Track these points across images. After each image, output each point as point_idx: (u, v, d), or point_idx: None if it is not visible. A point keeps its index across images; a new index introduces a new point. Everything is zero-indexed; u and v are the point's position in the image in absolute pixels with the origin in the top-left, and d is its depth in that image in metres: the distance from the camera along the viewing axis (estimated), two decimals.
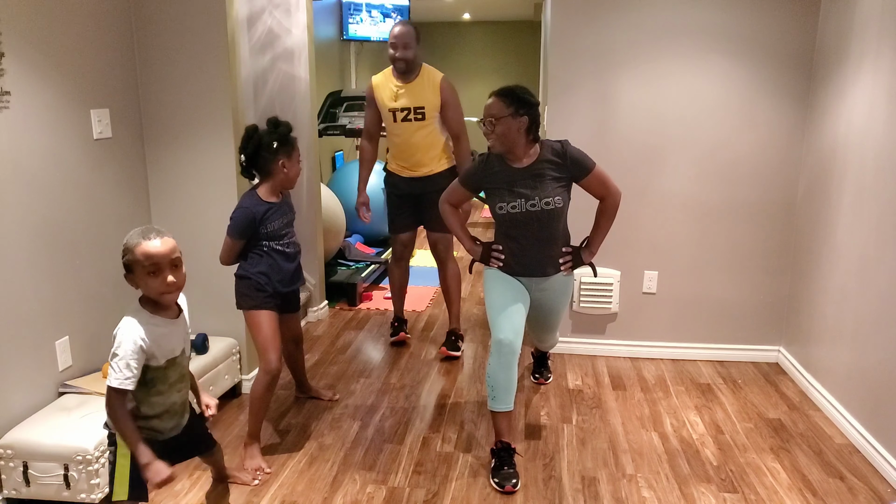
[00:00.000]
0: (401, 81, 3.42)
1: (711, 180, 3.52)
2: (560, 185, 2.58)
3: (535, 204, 2.56)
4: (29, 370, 2.48)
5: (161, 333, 1.91)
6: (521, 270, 2.68)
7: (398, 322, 3.95)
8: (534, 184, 2.57)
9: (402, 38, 3.33)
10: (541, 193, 2.56)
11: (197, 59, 2.99)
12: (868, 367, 2.78)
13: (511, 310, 2.58)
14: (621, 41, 3.42)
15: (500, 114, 2.51)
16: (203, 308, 3.19)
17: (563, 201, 2.59)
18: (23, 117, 2.40)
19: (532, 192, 2.57)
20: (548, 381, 3.43)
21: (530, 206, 2.57)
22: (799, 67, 3.37)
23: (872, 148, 2.79)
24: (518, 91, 2.55)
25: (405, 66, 3.37)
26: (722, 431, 2.95)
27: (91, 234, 2.77)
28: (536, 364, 3.49)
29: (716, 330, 3.68)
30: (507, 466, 2.55)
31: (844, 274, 2.99)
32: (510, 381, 2.54)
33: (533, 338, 3.16)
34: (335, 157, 6.51)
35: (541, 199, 2.56)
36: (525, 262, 2.66)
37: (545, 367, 3.48)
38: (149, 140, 3.10)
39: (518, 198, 2.58)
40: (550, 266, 2.68)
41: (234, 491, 2.51)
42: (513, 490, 2.49)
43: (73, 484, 2.29)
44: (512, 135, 2.52)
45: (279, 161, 2.58)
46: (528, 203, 2.57)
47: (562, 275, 2.72)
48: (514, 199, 2.58)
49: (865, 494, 2.50)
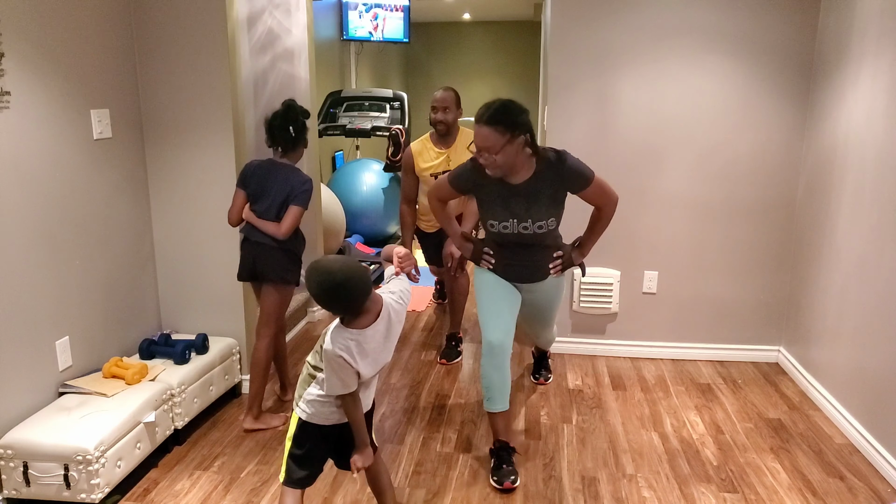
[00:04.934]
0: (440, 147, 3.51)
1: (711, 180, 3.52)
2: (555, 204, 2.51)
3: (528, 227, 2.50)
4: (29, 370, 2.48)
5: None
6: (511, 277, 2.67)
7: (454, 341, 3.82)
8: (528, 204, 2.47)
9: (444, 101, 3.44)
10: (534, 216, 2.48)
11: (197, 59, 2.99)
12: (868, 367, 2.78)
13: (501, 310, 2.58)
14: (621, 41, 3.42)
15: (497, 145, 2.31)
16: (203, 308, 3.19)
17: (556, 221, 2.54)
18: (23, 117, 2.40)
19: (525, 213, 2.48)
20: (548, 382, 3.42)
21: (522, 228, 2.51)
22: (799, 67, 3.37)
23: (872, 148, 2.79)
24: (508, 111, 2.33)
25: (445, 129, 3.46)
26: (722, 431, 2.95)
27: (91, 234, 2.77)
28: (536, 364, 3.49)
29: (716, 330, 3.68)
30: (505, 465, 2.55)
31: (844, 274, 3.00)
32: (504, 382, 2.54)
33: (529, 334, 3.15)
34: (335, 157, 6.51)
35: (533, 223, 2.49)
36: (514, 270, 2.65)
37: (545, 367, 3.48)
38: (149, 140, 3.10)
39: (511, 217, 2.50)
40: (539, 272, 2.67)
41: (235, 491, 2.51)
42: (511, 487, 2.49)
43: (74, 484, 2.29)
44: (512, 158, 2.38)
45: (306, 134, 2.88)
46: (520, 225, 2.50)
47: (552, 276, 2.71)
48: (506, 219, 2.51)
49: (865, 494, 2.50)
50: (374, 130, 5.75)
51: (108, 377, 2.69)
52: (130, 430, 2.46)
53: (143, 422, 2.53)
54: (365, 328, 1.86)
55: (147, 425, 2.55)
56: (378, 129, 5.75)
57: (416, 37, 8.93)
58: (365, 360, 1.87)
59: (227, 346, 3.13)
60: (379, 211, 5.70)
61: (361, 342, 1.85)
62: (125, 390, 2.61)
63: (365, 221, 5.70)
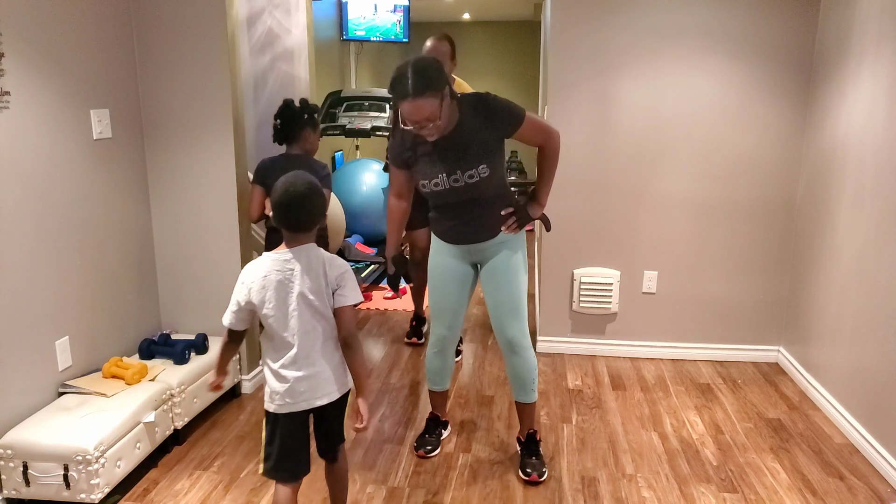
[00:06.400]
0: None
1: (711, 180, 3.52)
2: (486, 151, 2.30)
3: (458, 179, 2.31)
4: (29, 370, 2.48)
5: None
6: (456, 239, 2.49)
7: (417, 322, 3.98)
8: (456, 155, 2.29)
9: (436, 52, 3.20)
10: (463, 166, 2.29)
11: (197, 59, 2.99)
12: (868, 366, 2.78)
13: (446, 307, 2.60)
14: (621, 41, 3.42)
15: (436, 110, 2.15)
16: (203, 308, 3.19)
17: (489, 168, 2.31)
18: (23, 117, 2.40)
19: (454, 165, 2.29)
20: (542, 479, 2.56)
21: (453, 181, 2.32)
22: (799, 67, 3.37)
23: (872, 148, 2.79)
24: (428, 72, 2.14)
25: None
26: (722, 431, 2.95)
27: (91, 234, 2.77)
28: (524, 451, 2.65)
29: (716, 330, 3.69)
30: (428, 434, 2.81)
31: (844, 274, 3.00)
32: (445, 367, 2.73)
33: (496, 328, 2.53)
34: (335, 157, 6.51)
35: (463, 173, 2.30)
36: (457, 231, 2.46)
37: (535, 454, 2.62)
38: (149, 140, 3.10)
39: (439, 172, 2.31)
40: (486, 230, 2.43)
41: (234, 491, 2.51)
42: (424, 455, 2.73)
43: (73, 484, 2.29)
44: (447, 114, 2.23)
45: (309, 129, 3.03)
46: (450, 178, 2.31)
47: (503, 234, 2.44)
48: (435, 175, 2.32)
49: (865, 494, 2.50)
50: (374, 130, 5.75)
51: (107, 377, 2.69)
52: (130, 430, 2.46)
53: (143, 422, 2.53)
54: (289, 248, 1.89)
55: (147, 425, 2.55)
56: (378, 129, 5.75)
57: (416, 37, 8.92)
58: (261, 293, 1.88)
59: None
60: (379, 211, 5.69)
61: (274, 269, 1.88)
62: (125, 390, 2.61)
63: (365, 221, 5.70)
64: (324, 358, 1.93)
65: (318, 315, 1.90)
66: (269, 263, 1.89)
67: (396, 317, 4.39)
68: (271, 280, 1.88)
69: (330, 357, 1.94)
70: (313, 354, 1.91)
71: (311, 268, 1.89)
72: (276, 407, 1.93)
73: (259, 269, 1.90)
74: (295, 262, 1.88)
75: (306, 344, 1.90)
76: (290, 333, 1.89)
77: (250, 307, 1.90)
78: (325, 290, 1.90)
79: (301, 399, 1.92)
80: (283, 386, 1.91)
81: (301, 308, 1.88)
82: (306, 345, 1.90)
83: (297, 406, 1.92)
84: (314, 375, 1.92)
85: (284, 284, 1.88)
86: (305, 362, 1.90)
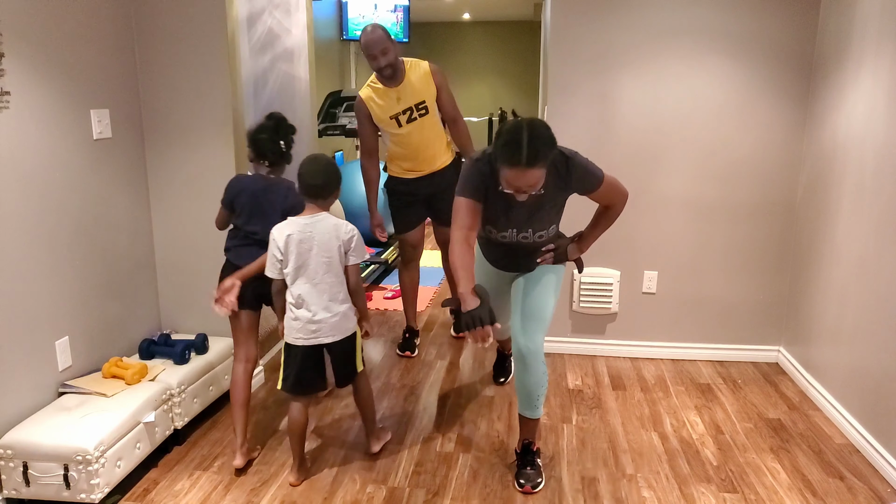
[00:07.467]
0: (392, 86, 3.26)
1: (711, 180, 3.52)
2: (558, 211, 2.40)
3: (528, 237, 2.40)
4: (29, 370, 2.48)
5: None
6: (503, 268, 2.60)
7: (410, 334, 3.80)
8: (529, 214, 2.32)
9: (380, 43, 3.11)
10: (535, 226, 2.36)
11: (197, 59, 2.99)
12: (868, 367, 2.78)
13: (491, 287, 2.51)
14: (621, 41, 3.42)
15: (542, 178, 2.11)
16: (203, 308, 3.19)
17: (556, 227, 2.45)
18: (23, 117, 2.41)
19: (526, 224, 2.35)
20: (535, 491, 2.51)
21: (522, 238, 2.40)
22: (799, 67, 3.37)
23: (872, 148, 2.79)
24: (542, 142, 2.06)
25: (392, 72, 3.20)
26: (722, 431, 2.95)
27: (91, 234, 2.77)
28: (520, 461, 2.60)
29: (715, 330, 3.69)
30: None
31: (844, 274, 3.00)
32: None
33: (514, 328, 2.47)
34: (335, 157, 6.51)
35: (534, 233, 2.39)
36: (505, 264, 2.59)
37: (532, 465, 2.58)
38: (149, 140, 3.10)
39: (511, 226, 2.37)
40: (532, 264, 2.54)
41: (235, 491, 2.51)
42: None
43: (73, 484, 2.29)
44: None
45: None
46: (519, 235, 2.39)
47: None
48: (505, 229, 2.38)
49: (865, 494, 2.50)
50: None
51: (107, 377, 2.69)
52: (130, 431, 2.46)
53: (143, 422, 2.53)
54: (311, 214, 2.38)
55: (147, 425, 2.55)
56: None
57: (416, 37, 8.93)
58: (285, 248, 2.36)
59: (226, 346, 3.13)
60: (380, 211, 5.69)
61: (296, 230, 2.36)
62: (125, 390, 2.61)
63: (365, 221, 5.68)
64: (331, 305, 2.41)
65: (330, 271, 2.39)
66: (293, 226, 2.37)
67: (396, 317, 4.39)
68: (294, 239, 2.35)
69: (337, 307, 2.42)
70: (322, 302, 2.40)
71: (326, 230, 2.37)
72: (292, 340, 2.44)
73: (284, 230, 2.37)
74: (313, 226, 2.36)
75: (318, 293, 2.39)
76: (306, 283, 2.38)
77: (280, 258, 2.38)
78: (339, 250, 2.39)
79: (312, 336, 2.42)
80: (297, 325, 2.41)
81: (316, 264, 2.37)
82: (317, 294, 2.39)
83: (308, 341, 2.42)
84: (322, 320, 2.41)
85: (304, 243, 2.36)
86: (317, 308, 2.39)
